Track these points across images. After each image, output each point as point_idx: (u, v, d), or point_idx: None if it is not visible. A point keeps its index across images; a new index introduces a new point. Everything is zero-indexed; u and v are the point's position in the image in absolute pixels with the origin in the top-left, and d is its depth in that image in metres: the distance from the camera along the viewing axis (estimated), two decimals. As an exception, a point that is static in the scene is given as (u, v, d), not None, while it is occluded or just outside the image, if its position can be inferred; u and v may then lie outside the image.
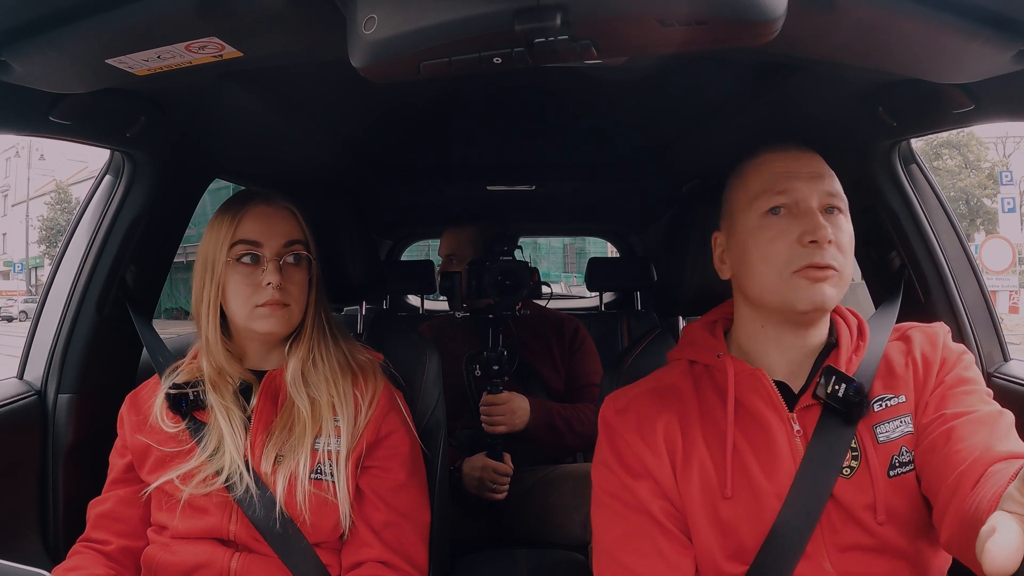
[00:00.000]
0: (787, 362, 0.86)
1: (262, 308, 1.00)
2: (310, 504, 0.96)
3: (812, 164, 0.85)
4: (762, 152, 0.88)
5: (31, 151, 26.10)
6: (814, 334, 0.86)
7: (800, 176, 0.83)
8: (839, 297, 0.82)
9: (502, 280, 1.61)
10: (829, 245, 0.80)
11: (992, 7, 0.65)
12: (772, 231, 0.82)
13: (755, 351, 0.87)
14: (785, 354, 0.86)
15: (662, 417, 0.86)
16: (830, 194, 0.83)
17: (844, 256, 0.81)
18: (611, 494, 0.85)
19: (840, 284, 0.81)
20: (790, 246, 0.81)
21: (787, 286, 0.81)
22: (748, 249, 0.84)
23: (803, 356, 0.86)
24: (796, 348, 0.85)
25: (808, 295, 0.80)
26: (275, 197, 1.06)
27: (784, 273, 0.81)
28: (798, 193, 0.82)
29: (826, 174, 0.85)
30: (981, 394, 0.80)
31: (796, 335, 0.85)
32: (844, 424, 0.80)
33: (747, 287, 0.86)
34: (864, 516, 0.77)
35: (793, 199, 0.82)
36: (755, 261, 0.83)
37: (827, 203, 0.83)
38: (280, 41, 0.71)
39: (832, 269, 0.80)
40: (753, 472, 0.80)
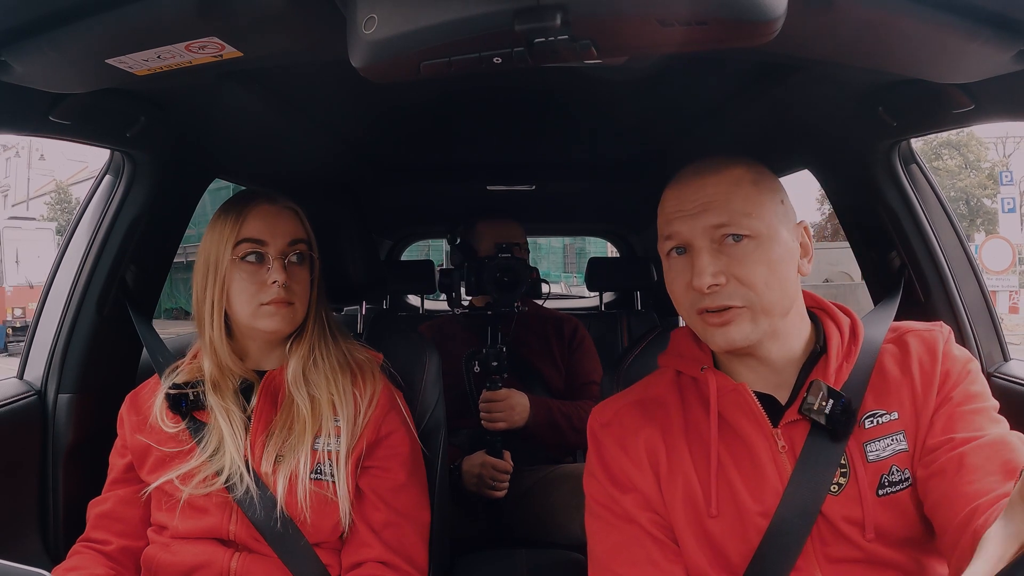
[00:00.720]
0: (763, 378, 0.83)
1: (267, 307, 1.00)
2: (310, 504, 0.96)
3: (700, 194, 0.79)
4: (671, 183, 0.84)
5: (31, 151, 26.08)
6: (777, 352, 0.81)
7: (684, 213, 0.79)
8: (760, 328, 0.77)
9: (500, 277, 1.62)
10: (719, 287, 0.76)
11: (992, 7, 0.65)
12: (672, 273, 0.81)
13: (736, 363, 0.84)
14: (754, 372, 0.83)
15: (644, 431, 0.84)
16: (718, 225, 0.77)
17: (750, 288, 0.76)
18: (601, 505, 0.85)
19: (756, 316, 0.77)
20: (685, 289, 0.79)
21: (699, 326, 0.80)
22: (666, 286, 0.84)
23: (779, 370, 0.82)
24: (762, 367, 0.82)
25: (716, 338, 0.78)
26: (278, 197, 1.06)
27: (690, 313, 0.80)
28: (683, 235, 0.79)
29: (717, 201, 0.78)
30: (989, 412, 0.77)
31: (751, 359, 0.82)
32: (832, 441, 0.77)
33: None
34: (852, 533, 0.76)
35: (681, 240, 0.80)
36: (674, 301, 0.83)
37: (720, 234, 0.77)
38: (280, 41, 0.71)
39: (733, 308, 0.76)
40: (738, 490, 0.79)
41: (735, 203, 0.78)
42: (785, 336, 0.82)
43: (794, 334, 0.83)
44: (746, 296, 0.77)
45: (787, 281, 0.79)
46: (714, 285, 0.76)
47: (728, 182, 0.80)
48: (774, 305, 0.78)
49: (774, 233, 0.79)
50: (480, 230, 1.87)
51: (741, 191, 0.79)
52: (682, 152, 1.52)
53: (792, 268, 0.80)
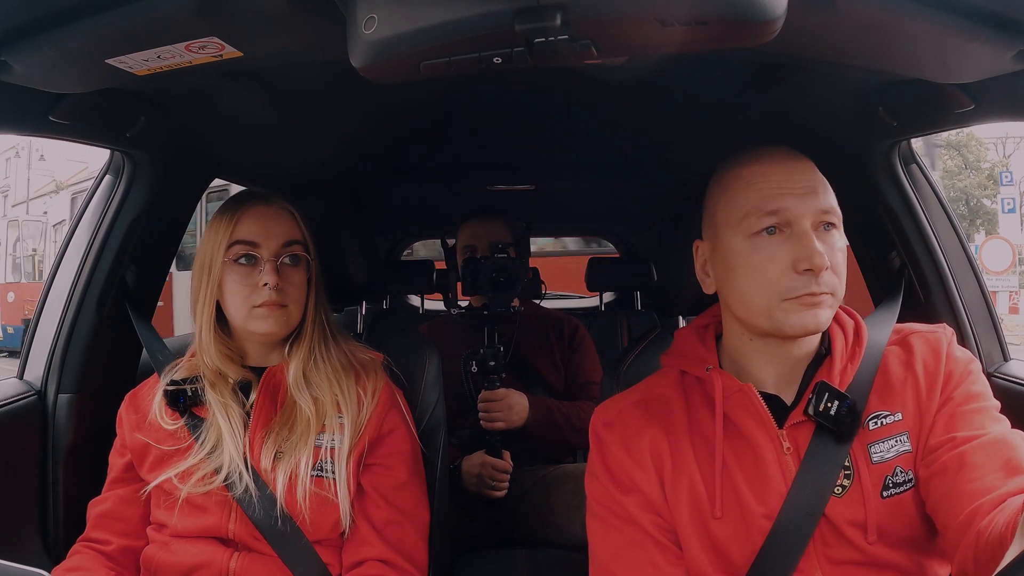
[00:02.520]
0: (776, 374, 0.83)
1: (259, 309, 1.00)
2: (310, 502, 0.96)
3: (805, 176, 0.78)
4: (749, 162, 0.80)
5: (31, 151, 26.05)
6: (805, 344, 0.82)
7: (793, 192, 0.77)
8: (831, 318, 0.78)
9: (496, 277, 1.62)
10: (824, 271, 0.75)
11: (992, 7, 0.64)
12: (762, 255, 0.77)
13: (743, 363, 0.84)
14: (774, 367, 0.83)
15: (648, 432, 0.84)
16: (824, 211, 0.77)
17: (839, 277, 0.77)
18: (603, 506, 0.85)
19: (835, 305, 0.77)
20: (782, 272, 0.75)
21: (778, 311, 0.76)
22: (736, 270, 0.79)
23: (793, 366, 0.82)
24: (786, 361, 0.82)
25: (800, 321, 0.75)
26: (274, 197, 1.06)
27: (775, 300, 0.76)
28: (790, 213, 0.76)
29: (820, 187, 0.78)
30: (991, 411, 0.77)
31: (785, 349, 0.82)
32: (836, 443, 0.77)
33: (733, 306, 0.82)
34: (854, 535, 0.76)
35: (785, 219, 0.77)
36: (743, 284, 0.78)
37: (821, 220, 0.77)
38: (280, 41, 0.71)
39: (827, 295, 0.76)
40: (742, 492, 0.78)
41: (830, 193, 0.79)
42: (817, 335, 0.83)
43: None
44: (833, 284, 0.77)
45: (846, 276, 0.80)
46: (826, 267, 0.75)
47: (819, 172, 0.81)
48: (841, 298, 0.79)
49: (842, 229, 0.80)
50: (465, 231, 1.88)
51: (827, 183, 0.80)
52: (682, 152, 1.52)
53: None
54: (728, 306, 0.84)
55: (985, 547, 0.64)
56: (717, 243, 0.83)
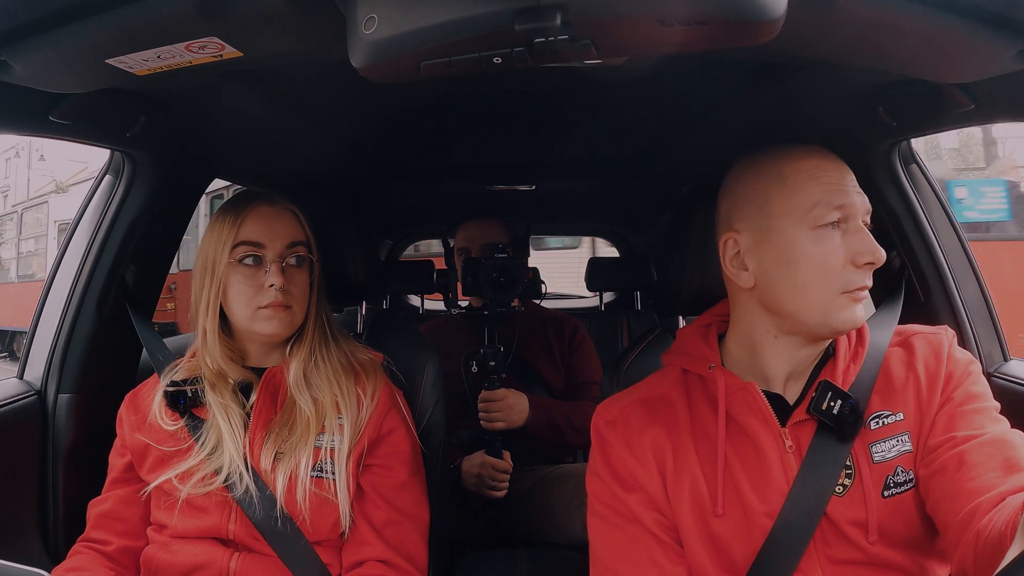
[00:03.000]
0: (786, 372, 0.83)
1: (264, 310, 1.00)
2: (310, 502, 0.96)
3: (846, 175, 0.81)
4: (804, 155, 0.81)
5: (31, 151, 26.04)
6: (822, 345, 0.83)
7: (853, 189, 0.79)
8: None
9: (497, 277, 1.62)
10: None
11: (992, 7, 0.64)
12: (826, 247, 0.77)
13: (754, 359, 0.84)
14: (788, 364, 0.83)
15: (651, 430, 0.84)
16: (868, 211, 0.80)
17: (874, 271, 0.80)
18: (604, 504, 0.85)
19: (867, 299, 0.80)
20: (843, 265, 0.77)
21: (833, 305, 0.77)
22: (796, 262, 0.78)
23: (806, 365, 0.83)
24: (802, 360, 0.83)
25: (851, 316, 0.77)
26: (277, 198, 1.06)
27: (833, 293, 0.77)
28: (853, 208, 0.78)
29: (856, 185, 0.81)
30: (990, 411, 0.77)
31: (807, 348, 0.82)
32: (839, 442, 0.78)
33: (780, 299, 0.80)
34: (855, 534, 0.76)
35: (847, 214, 0.78)
36: (804, 277, 0.78)
37: (866, 220, 0.80)
38: (280, 41, 0.71)
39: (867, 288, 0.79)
40: (744, 490, 0.79)
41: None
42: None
43: None
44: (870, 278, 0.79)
45: None
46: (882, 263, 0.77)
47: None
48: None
49: None
50: (461, 232, 1.89)
51: None
52: (683, 152, 1.52)
53: None
54: (767, 301, 0.82)
55: (985, 546, 0.64)
56: (771, 234, 0.80)
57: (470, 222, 1.88)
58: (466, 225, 1.89)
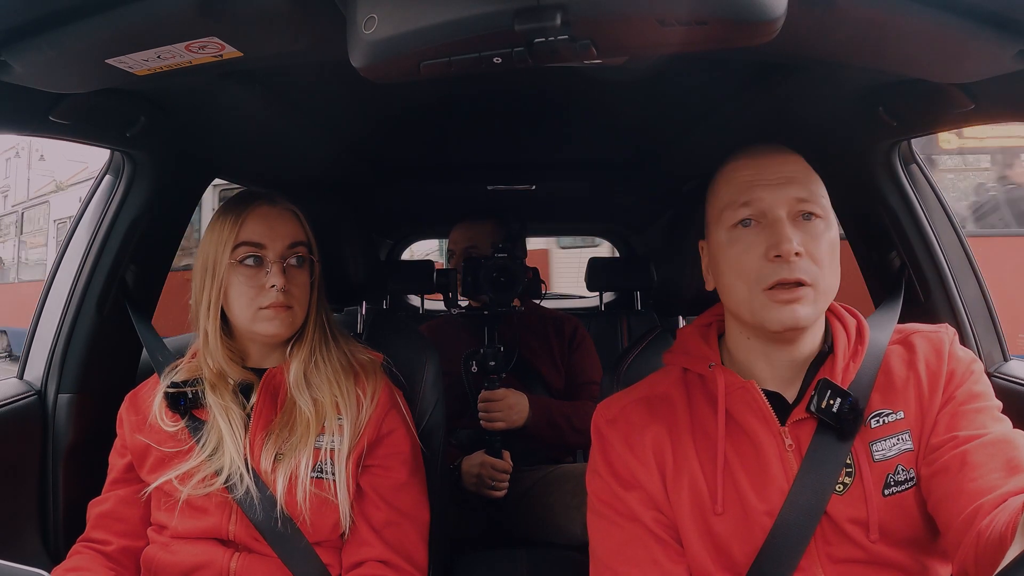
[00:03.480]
0: (777, 373, 0.83)
1: (266, 311, 1.00)
2: (310, 503, 0.96)
3: (782, 168, 0.80)
4: (731, 159, 0.83)
5: (31, 151, 26.04)
6: (803, 345, 0.82)
7: (766, 183, 0.79)
8: (817, 314, 0.78)
9: (497, 277, 1.62)
10: (798, 258, 0.75)
11: (992, 7, 0.64)
12: (740, 245, 0.79)
13: (744, 361, 0.85)
14: (773, 366, 0.83)
15: (651, 429, 0.84)
16: (801, 199, 0.78)
17: (820, 267, 0.77)
18: (604, 502, 0.85)
19: (818, 299, 0.77)
20: (758, 261, 0.77)
21: (758, 304, 0.77)
22: (720, 264, 0.81)
23: (794, 366, 0.83)
24: (784, 361, 0.82)
25: (778, 316, 0.76)
26: (278, 198, 1.06)
27: (755, 290, 0.77)
28: (763, 203, 0.78)
29: (799, 177, 0.79)
30: (992, 411, 0.77)
31: (782, 349, 0.82)
32: (838, 440, 0.77)
33: (725, 301, 0.84)
34: (856, 533, 0.76)
35: (759, 209, 0.78)
36: (728, 277, 0.80)
37: (798, 209, 0.78)
38: (280, 41, 0.71)
39: (804, 285, 0.76)
40: (744, 489, 0.79)
41: (812, 183, 0.80)
42: (817, 328, 0.83)
43: (818, 328, 0.83)
44: (815, 274, 0.77)
45: (838, 269, 0.80)
46: (798, 254, 0.76)
47: (803, 163, 0.82)
48: (830, 289, 0.79)
49: (833, 221, 0.81)
50: (452, 234, 1.90)
51: (814, 174, 0.81)
52: (682, 152, 1.52)
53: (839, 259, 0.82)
54: (723, 302, 0.86)
55: (986, 547, 0.64)
56: (709, 241, 0.86)
57: (458, 224, 1.89)
58: (455, 227, 1.90)
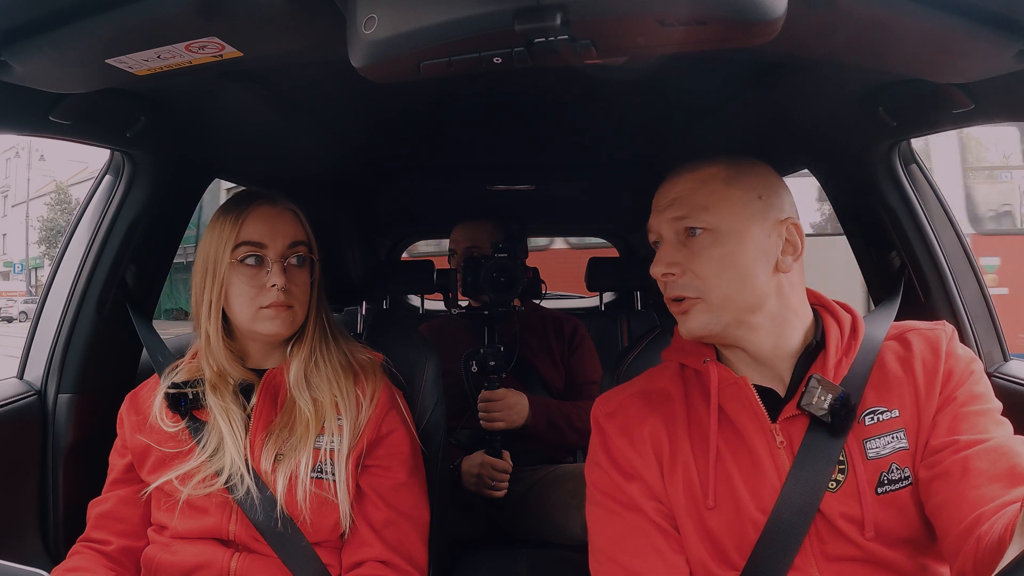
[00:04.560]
0: (756, 372, 0.83)
1: (267, 310, 1.00)
2: (310, 503, 0.96)
3: (671, 191, 0.84)
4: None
5: (31, 152, 26.08)
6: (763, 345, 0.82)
7: (657, 208, 0.85)
8: (719, 320, 0.80)
9: (497, 277, 1.62)
10: (673, 278, 0.81)
11: (992, 7, 0.64)
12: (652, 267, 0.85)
13: (731, 358, 0.86)
14: (747, 366, 0.84)
15: (649, 421, 0.85)
16: (678, 218, 0.82)
17: (705, 280, 0.79)
18: (605, 492, 0.85)
19: (710, 308, 0.80)
20: (660, 280, 0.84)
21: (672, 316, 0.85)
22: None
23: (773, 364, 0.83)
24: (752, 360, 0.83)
25: (680, 328, 0.84)
26: (278, 198, 1.06)
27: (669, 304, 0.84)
28: (654, 228, 0.85)
29: (683, 196, 0.82)
30: (993, 413, 0.76)
31: (737, 351, 0.84)
32: (831, 437, 0.77)
33: None
34: (850, 530, 0.75)
35: (655, 234, 0.85)
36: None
37: (682, 227, 0.82)
38: (280, 41, 0.71)
39: (688, 299, 0.80)
40: (736, 484, 0.79)
41: (697, 198, 0.81)
42: (768, 329, 0.82)
43: (783, 327, 0.82)
44: (699, 288, 0.80)
45: (748, 276, 0.79)
46: (668, 274, 0.81)
47: (697, 179, 0.83)
48: (730, 299, 0.79)
49: (738, 228, 0.80)
50: (453, 234, 1.90)
51: (707, 188, 0.82)
52: (682, 152, 1.52)
53: (760, 264, 0.80)
54: None
55: (985, 551, 0.64)
56: None
57: (459, 224, 1.89)
58: (456, 227, 1.90)
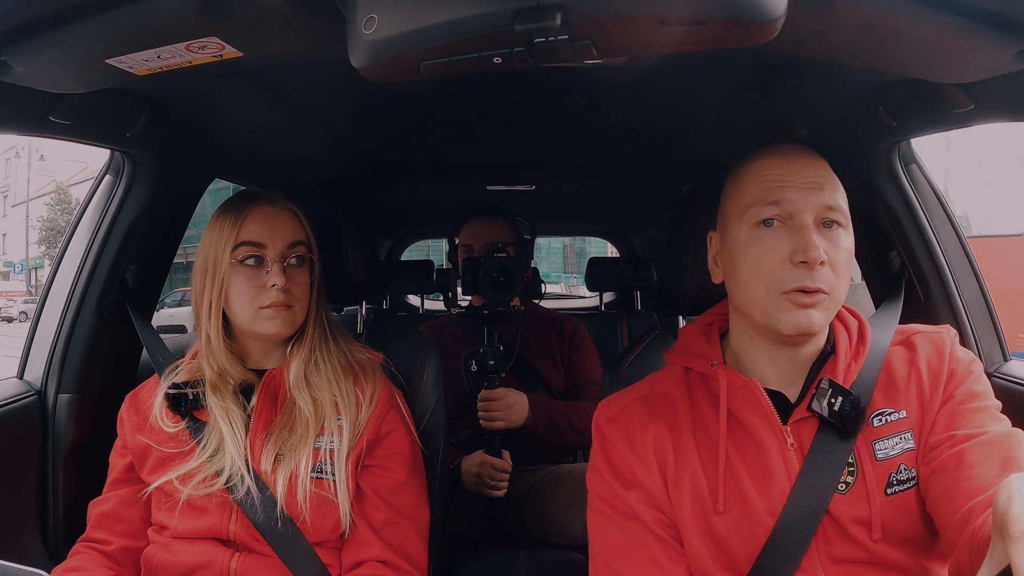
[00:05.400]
0: (779, 373, 0.83)
1: (266, 310, 1.00)
2: (310, 503, 0.96)
3: (812, 172, 0.79)
4: (759, 156, 0.82)
5: (31, 152, 26.09)
6: (807, 347, 0.82)
7: (796, 186, 0.78)
8: (828, 320, 0.78)
9: (496, 277, 1.63)
10: (821, 267, 0.75)
11: (992, 7, 0.64)
12: (762, 245, 0.78)
13: (746, 360, 0.85)
14: (776, 366, 0.83)
15: (652, 427, 0.84)
16: (829, 207, 0.78)
17: (838, 276, 0.77)
18: (605, 501, 0.85)
19: (831, 306, 0.77)
20: (780, 264, 0.76)
21: (773, 306, 0.77)
22: (737, 261, 0.80)
23: (796, 365, 0.83)
24: (787, 361, 0.82)
25: (793, 320, 0.76)
26: (278, 198, 1.06)
27: (772, 293, 0.77)
28: (792, 205, 0.77)
29: (827, 183, 0.79)
30: (991, 410, 0.77)
31: (785, 351, 0.82)
32: (840, 439, 0.77)
33: (735, 297, 0.83)
34: (858, 532, 0.75)
35: (787, 211, 0.78)
36: (743, 275, 0.79)
37: (824, 217, 0.78)
38: (280, 41, 0.71)
39: (822, 293, 0.75)
40: (746, 487, 0.78)
41: (837, 192, 0.80)
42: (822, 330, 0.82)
43: (823, 330, 0.83)
44: (832, 283, 0.77)
45: (849, 277, 0.80)
46: (823, 262, 0.75)
47: (830, 169, 0.81)
48: (843, 297, 0.79)
49: (851, 230, 0.80)
50: (465, 230, 1.90)
51: (838, 182, 0.81)
52: (682, 152, 1.52)
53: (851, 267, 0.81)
54: (732, 299, 0.85)
55: (980, 545, 0.63)
56: (724, 235, 0.85)
57: (477, 220, 1.89)
58: (472, 223, 1.89)
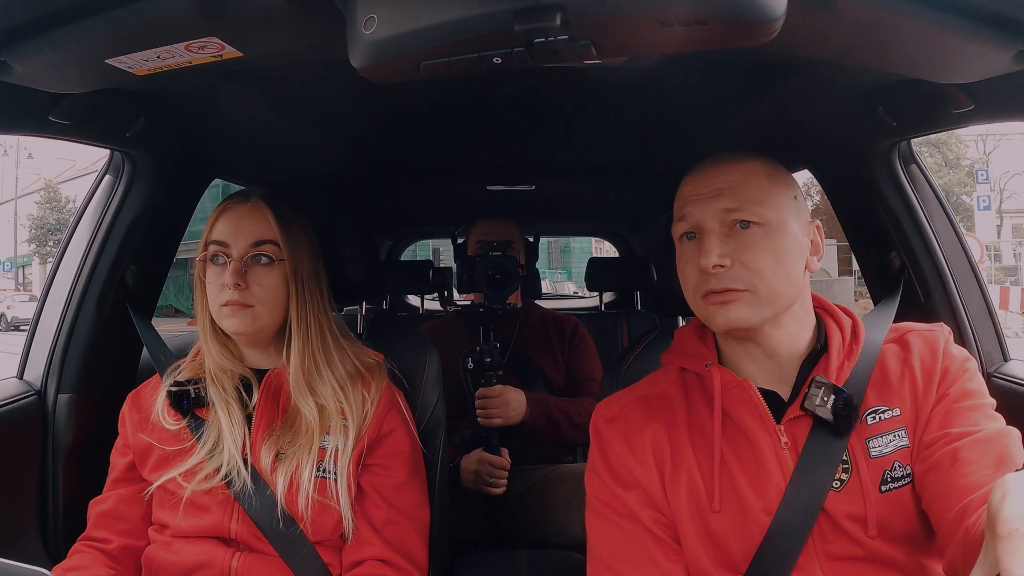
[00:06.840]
0: (765, 371, 0.84)
1: (225, 308, 1.00)
2: (311, 503, 0.96)
3: (715, 180, 0.82)
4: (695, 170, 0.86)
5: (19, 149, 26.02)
6: (779, 343, 0.82)
7: (698, 198, 0.82)
8: (761, 313, 0.79)
9: (492, 275, 1.63)
10: (723, 270, 0.78)
11: (992, 7, 0.65)
12: (683, 258, 0.84)
13: (734, 359, 0.86)
14: (756, 363, 0.84)
15: (650, 427, 0.85)
16: (730, 209, 0.80)
17: (755, 273, 0.78)
18: (603, 502, 0.85)
19: (757, 301, 0.78)
20: (693, 271, 0.81)
21: (701, 310, 0.82)
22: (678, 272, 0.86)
23: (783, 364, 0.83)
24: (764, 357, 0.83)
25: (717, 318, 0.80)
26: (252, 195, 1.04)
27: (695, 298, 0.82)
28: (694, 217, 0.82)
29: (732, 187, 0.80)
30: (986, 408, 0.77)
31: (754, 346, 0.83)
32: (834, 437, 0.78)
33: None
34: (854, 529, 0.76)
35: (693, 224, 0.82)
36: (682, 285, 0.85)
37: (731, 219, 0.80)
38: (280, 41, 0.71)
39: (734, 291, 0.78)
40: (741, 486, 0.79)
41: (748, 191, 0.80)
42: (789, 328, 0.83)
43: (800, 328, 0.84)
44: (750, 281, 0.79)
45: (792, 273, 0.80)
46: (719, 266, 0.78)
47: (743, 171, 0.82)
48: (779, 294, 0.79)
49: (784, 224, 0.80)
50: (471, 229, 1.90)
51: (755, 180, 0.81)
52: (682, 152, 1.52)
53: (799, 262, 0.82)
54: None
55: (973, 543, 0.64)
56: None
57: (488, 219, 1.89)
58: (483, 221, 1.89)
